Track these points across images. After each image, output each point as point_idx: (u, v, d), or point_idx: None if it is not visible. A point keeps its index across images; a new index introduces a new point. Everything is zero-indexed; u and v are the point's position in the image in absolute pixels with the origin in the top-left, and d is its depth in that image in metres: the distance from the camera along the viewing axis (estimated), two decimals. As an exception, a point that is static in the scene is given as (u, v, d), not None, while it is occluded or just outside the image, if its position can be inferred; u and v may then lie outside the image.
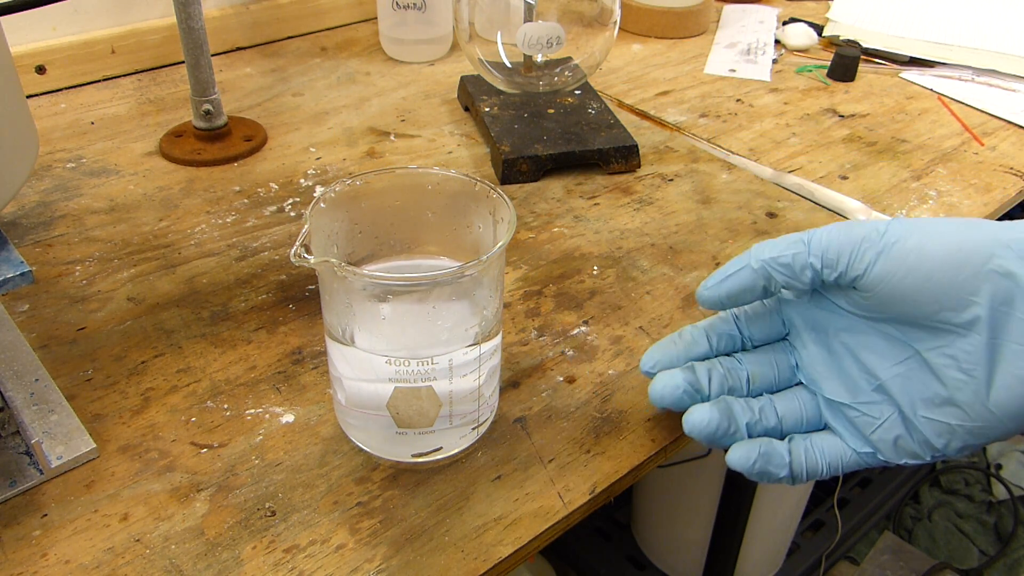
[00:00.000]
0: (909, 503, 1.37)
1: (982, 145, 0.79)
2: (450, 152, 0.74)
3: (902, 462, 0.40)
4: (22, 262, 0.40)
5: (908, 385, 0.39)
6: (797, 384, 0.44)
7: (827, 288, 0.41)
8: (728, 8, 1.09)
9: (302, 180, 0.69)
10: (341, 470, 0.44)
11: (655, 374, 0.44)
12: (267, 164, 0.71)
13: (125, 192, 0.67)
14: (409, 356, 0.40)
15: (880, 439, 0.40)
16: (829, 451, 0.41)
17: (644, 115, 0.82)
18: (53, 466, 0.43)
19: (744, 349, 0.44)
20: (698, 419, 0.41)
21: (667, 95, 0.86)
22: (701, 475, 0.95)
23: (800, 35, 0.98)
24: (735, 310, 0.44)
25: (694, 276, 0.60)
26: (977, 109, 0.85)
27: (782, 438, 0.42)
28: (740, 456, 0.40)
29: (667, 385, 0.42)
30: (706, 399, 0.42)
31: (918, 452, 0.39)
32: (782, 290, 0.43)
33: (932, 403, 0.38)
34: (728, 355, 0.44)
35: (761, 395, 0.43)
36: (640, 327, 0.55)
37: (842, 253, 0.38)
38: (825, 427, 0.42)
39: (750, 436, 0.41)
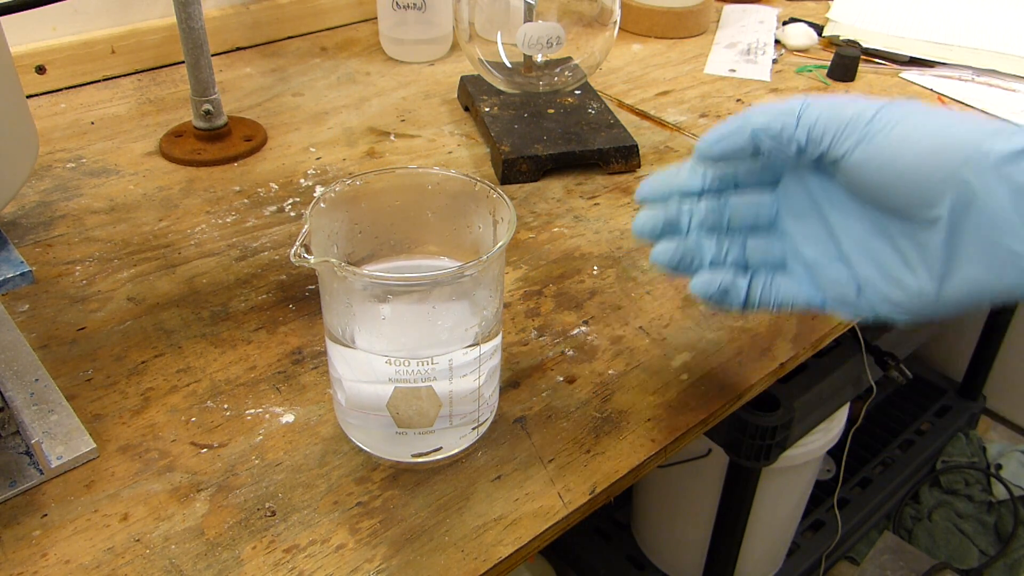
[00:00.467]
0: (909, 503, 1.37)
1: (982, 145, 0.78)
2: (450, 152, 0.74)
3: (844, 317, 0.43)
4: (22, 262, 0.40)
5: (871, 256, 0.40)
6: (773, 228, 0.45)
7: (814, 159, 0.42)
8: (728, 8, 1.09)
9: (302, 180, 0.69)
10: (341, 470, 0.44)
11: (646, 201, 0.46)
12: (267, 164, 0.71)
13: (125, 192, 0.67)
14: (409, 356, 0.40)
15: (832, 295, 0.43)
16: (784, 291, 0.44)
17: (644, 115, 0.82)
18: (53, 466, 0.43)
19: (736, 186, 0.45)
20: (659, 252, 0.44)
21: (667, 95, 0.86)
22: (701, 475, 0.95)
23: (800, 35, 0.98)
24: None
25: (694, 276, 0.60)
26: (977, 109, 0.85)
27: (747, 269, 0.44)
28: (700, 284, 0.43)
29: (647, 221, 0.45)
30: (683, 235, 0.44)
31: (863, 313, 0.42)
32: None
33: (888, 278, 0.40)
34: (719, 192, 0.45)
35: (737, 232, 0.45)
36: (640, 327, 0.55)
37: (827, 132, 0.39)
38: (786, 267, 0.45)
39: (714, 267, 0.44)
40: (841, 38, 0.99)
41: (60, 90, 0.82)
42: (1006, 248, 0.35)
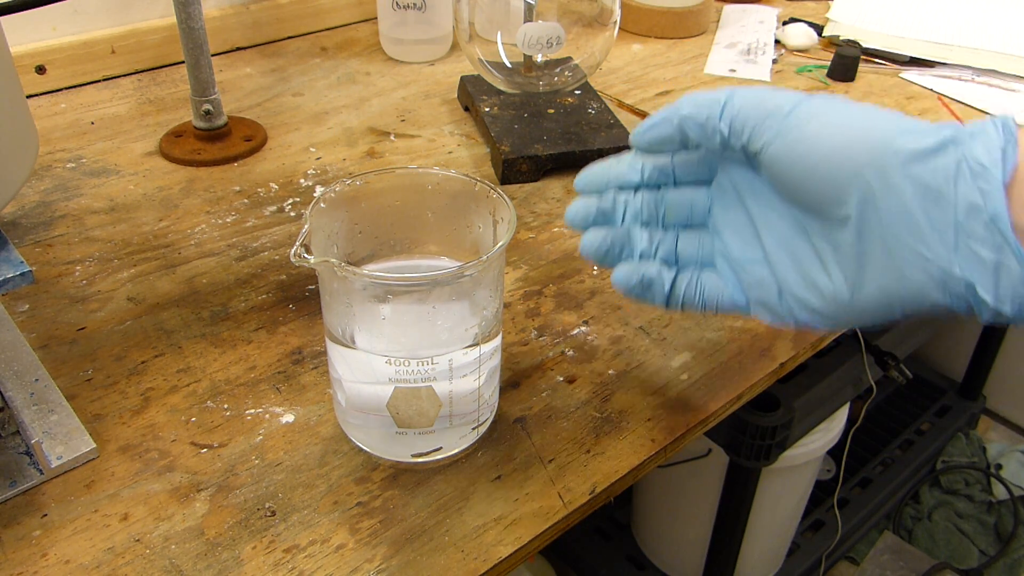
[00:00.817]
0: (909, 503, 1.37)
1: (982, 145, 0.78)
2: (450, 152, 0.74)
3: (766, 321, 0.42)
4: (22, 262, 0.40)
5: (792, 257, 0.40)
6: (706, 225, 0.45)
7: (736, 151, 0.41)
8: (728, 8, 1.09)
9: (302, 180, 0.69)
10: (341, 470, 0.44)
11: (583, 192, 0.45)
12: (267, 164, 0.71)
13: (125, 192, 0.67)
14: (409, 356, 0.40)
15: (755, 298, 0.42)
16: (709, 290, 0.43)
17: (644, 115, 0.82)
18: (53, 466, 0.43)
19: (675, 182, 0.45)
20: (588, 240, 0.43)
21: (667, 95, 0.86)
22: (701, 475, 0.95)
23: (800, 35, 0.98)
24: None
25: (694, 276, 0.60)
26: (977, 109, 0.85)
27: (676, 266, 0.44)
28: (622, 275, 0.43)
29: (580, 209, 0.44)
30: (616, 225, 0.44)
31: (784, 319, 0.41)
32: None
33: (806, 281, 0.39)
34: (656, 187, 0.45)
35: (671, 228, 0.44)
36: (640, 327, 0.55)
37: (747, 123, 0.38)
38: (715, 266, 0.44)
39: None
40: (841, 38, 0.99)
41: (60, 90, 0.82)
42: (910, 249, 0.34)
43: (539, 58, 0.73)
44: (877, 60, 0.96)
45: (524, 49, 0.69)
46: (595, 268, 0.60)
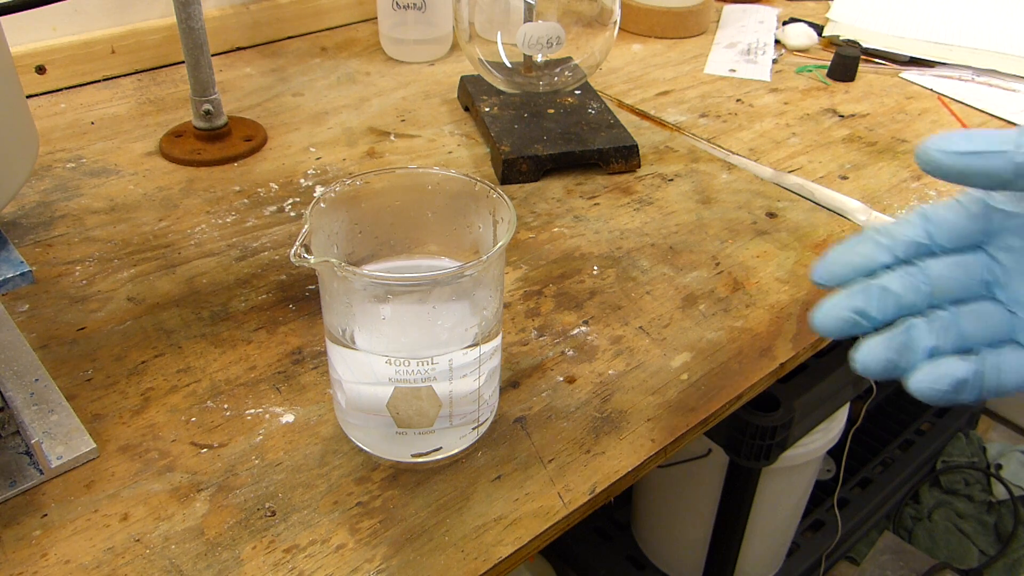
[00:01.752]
0: (909, 503, 1.37)
1: (982, 145, 0.78)
2: (450, 152, 0.74)
3: None
4: (22, 262, 0.40)
5: None
6: (986, 298, 0.38)
7: None
8: (728, 8, 1.09)
9: (302, 180, 0.69)
10: (341, 470, 0.44)
11: (825, 286, 0.38)
12: (267, 164, 0.71)
13: (125, 192, 0.67)
14: (409, 356, 0.40)
15: None
16: (1020, 369, 0.36)
17: (644, 115, 0.82)
18: (53, 466, 0.43)
19: (936, 251, 0.38)
20: (867, 356, 0.36)
21: (667, 95, 0.86)
22: (701, 475, 0.95)
23: (800, 35, 0.98)
24: (925, 210, 0.38)
25: (694, 276, 0.60)
26: (977, 109, 0.85)
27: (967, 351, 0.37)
28: (930, 380, 0.35)
29: (828, 315, 0.36)
30: (877, 324, 0.36)
31: None
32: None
33: None
34: (910, 263, 0.38)
35: (943, 306, 0.37)
36: (640, 327, 0.55)
37: None
38: (1015, 341, 0.37)
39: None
40: (841, 38, 0.99)
41: (60, 90, 0.82)
42: None
43: (539, 58, 0.73)
44: (877, 60, 0.96)
45: (524, 49, 0.69)
46: (595, 268, 0.60)
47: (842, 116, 0.83)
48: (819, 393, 0.84)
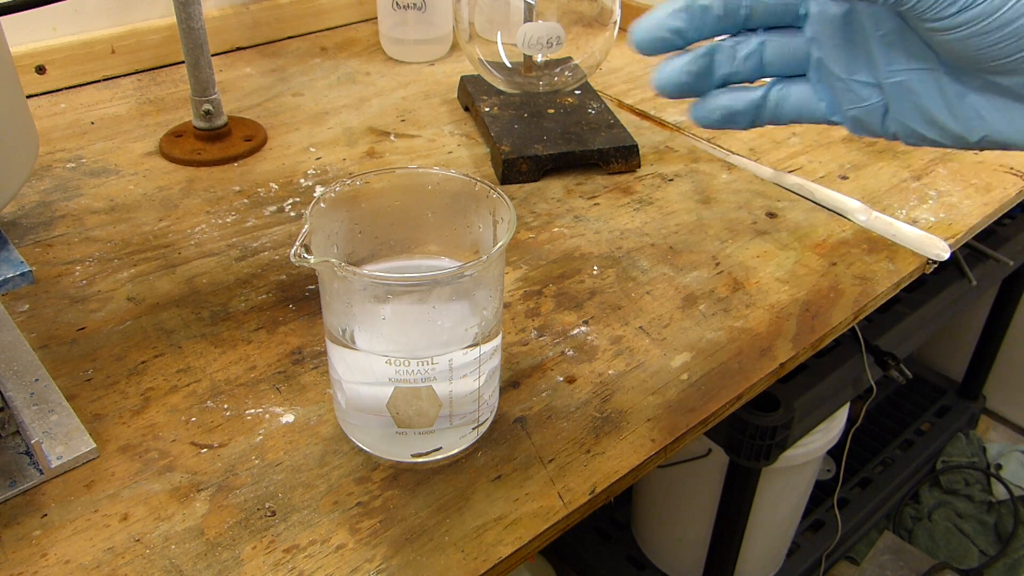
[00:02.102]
0: (909, 503, 1.37)
1: (982, 145, 0.78)
2: (450, 152, 0.74)
3: (857, 135, 0.39)
4: (22, 262, 0.40)
5: (910, 91, 0.36)
6: (795, 28, 0.38)
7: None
8: (728, 8, 1.09)
9: (302, 180, 0.69)
10: (341, 470, 0.44)
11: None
12: (267, 164, 0.71)
13: (125, 192, 0.67)
14: (409, 356, 0.40)
15: (854, 117, 0.38)
16: (797, 103, 0.39)
17: (644, 115, 0.82)
18: (53, 466, 0.43)
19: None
20: (666, 78, 0.37)
21: (667, 95, 0.86)
22: (701, 475, 0.95)
23: (800, 35, 0.98)
24: None
25: (694, 276, 0.60)
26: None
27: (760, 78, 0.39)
28: (700, 115, 0.38)
29: (648, 32, 0.37)
30: (691, 41, 0.37)
31: (878, 136, 0.38)
32: None
33: (925, 120, 0.36)
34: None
35: (755, 30, 0.38)
36: (640, 327, 0.55)
37: None
38: (804, 76, 0.39)
39: (726, 85, 0.38)
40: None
41: (60, 90, 0.82)
42: None
43: (539, 58, 0.73)
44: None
45: (524, 49, 0.69)
46: (595, 268, 0.60)
47: (842, 116, 0.83)
48: (819, 393, 0.84)
